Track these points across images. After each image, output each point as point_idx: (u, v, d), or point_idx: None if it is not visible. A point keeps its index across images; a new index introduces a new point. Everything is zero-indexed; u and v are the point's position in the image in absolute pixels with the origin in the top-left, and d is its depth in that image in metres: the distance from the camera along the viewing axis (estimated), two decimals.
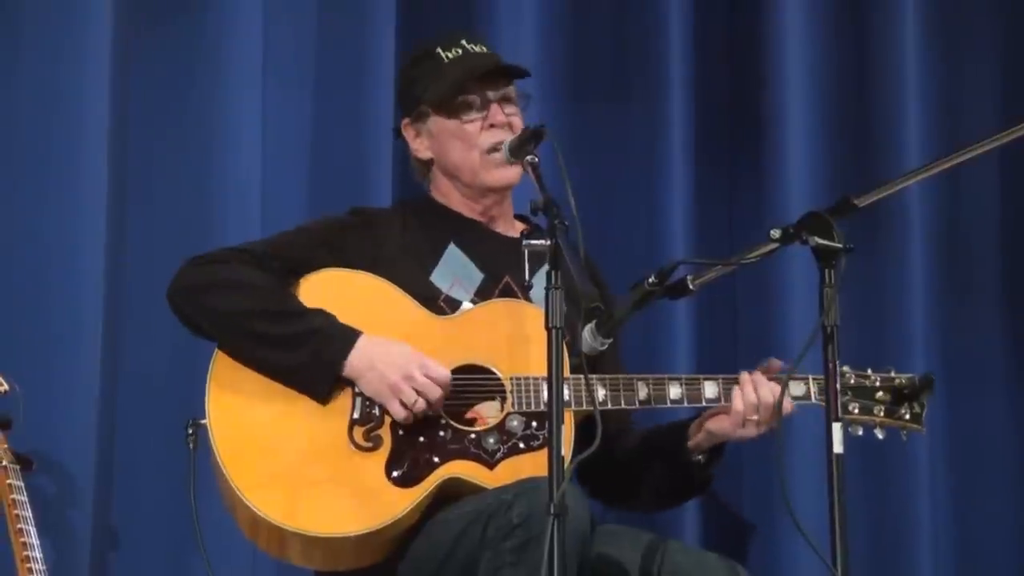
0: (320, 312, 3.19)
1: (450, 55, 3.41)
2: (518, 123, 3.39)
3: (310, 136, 4.02)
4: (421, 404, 3.13)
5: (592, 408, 3.04)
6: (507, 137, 3.32)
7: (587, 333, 3.04)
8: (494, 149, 3.34)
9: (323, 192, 3.95)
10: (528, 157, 3.07)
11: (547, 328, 2.73)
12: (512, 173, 3.36)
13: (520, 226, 3.49)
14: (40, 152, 3.72)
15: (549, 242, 2.80)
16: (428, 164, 3.48)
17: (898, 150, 4.32)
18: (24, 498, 3.36)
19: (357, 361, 3.14)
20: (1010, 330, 4.44)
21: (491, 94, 3.39)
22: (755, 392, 3.19)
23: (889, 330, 4.27)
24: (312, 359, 3.13)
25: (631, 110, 4.28)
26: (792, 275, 4.10)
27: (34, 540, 3.32)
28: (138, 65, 3.88)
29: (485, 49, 3.45)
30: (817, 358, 2.80)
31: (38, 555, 3.31)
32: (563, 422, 2.70)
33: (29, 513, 3.35)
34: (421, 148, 3.47)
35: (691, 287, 3.10)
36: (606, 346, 3.06)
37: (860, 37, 4.42)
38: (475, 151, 3.38)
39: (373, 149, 3.93)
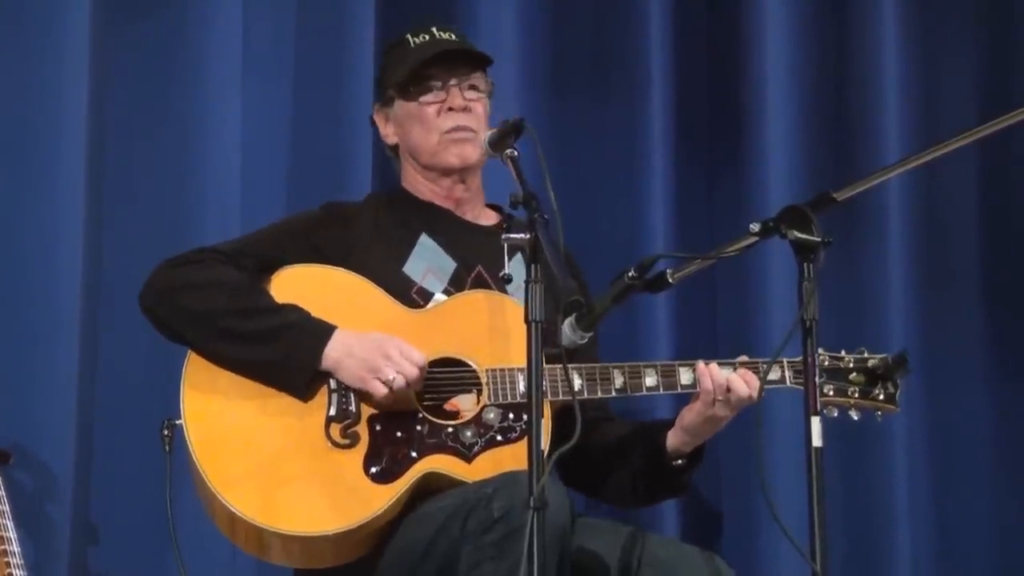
0: (294, 307, 3.18)
1: (417, 40, 3.44)
2: (479, 109, 3.41)
3: (290, 131, 4.01)
4: (400, 380, 3.11)
5: (569, 398, 3.04)
6: (466, 121, 3.36)
7: (567, 327, 3.03)
8: (452, 130, 3.36)
9: (303, 187, 3.94)
10: (508, 151, 3.06)
11: (527, 322, 2.73)
12: (469, 151, 3.36)
13: (493, 215, 3.50)
14: (18, 147, 3.70)
15: (528, 236, 2.79)
16: (396, 150, 3.51)
17: (877, 144, 4.33)
18: (2, 492, 3.35)
19: (334, 352, 3.13)
20: (988, 322, 4.46)
21: (453, 79, 3.40)
22: (720, 373, 3.20)
23: (868, 323, 4.28)
24: (288, 354, 3.13)
25: (611, 104, 4.28)
26: (771, 266, 4.11)
27: (12, 534, 3.31)
28: (117, 60, 3.86)
29: (454, 36, 3.47)
30: (796, 346, 2.81)
31: (16, 549, 3.30)
32: (542, 414, 2.70)
33: (7, 507, 3.34)
34: (389, 134, 3.50)
35: (670, 280, 3.10)
36: (586, 340, 3.05)
37: (839, 32, 4.43)
38: (434, 133, 3.39)
39: (353, 143, 3.93)
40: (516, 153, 3.06)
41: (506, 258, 3.10)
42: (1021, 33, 4.55)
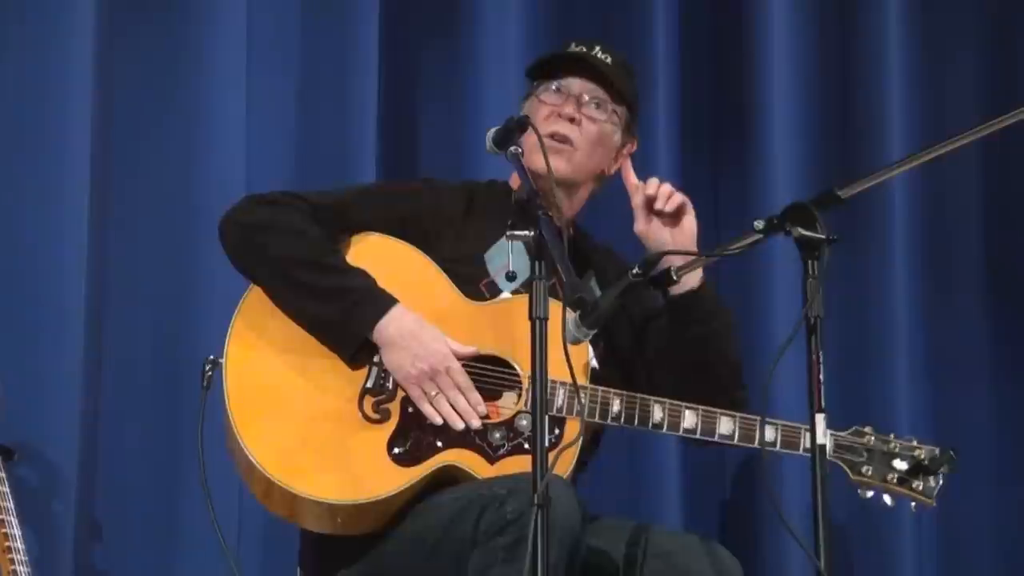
0: (362, 272, 3.18)
1: (572, 48, 3.43)
2: (591, 129, 3.38)
3: (294, 128, 4.02)
4: (446, 412, 3.13)
5: (589, 420, 3.09)
6: (568, 132, 3.35)
7: (571, 324, 3.03)
8: (548, 135, 3.32)
9: (307, 184, 3.92)
10: (512, 148, 3.05)
11: (531, 319, 2.72)
12: (555, 161, 3.28)
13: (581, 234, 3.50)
14: (23, 144, 3.72)
15: (532, 232, 2.79)
16: None
17: (882, 142, 4.33)
18: (6, 488, 3.36)
19: (388, 328, 3.13)
20: (992, 321, 4.46)
21: (576, 88, 3.39)
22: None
23: (872, 321, 4.28)
24: (345, 315, 3.13)
25: None
26: (776, 264, 4.11)
27: (16, 531, 3.31)
28: (122, 57, 3.87)
29: (610, 60, 3.42)
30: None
31: (20, 546, 3.30)
32: (547, 411, 2.69)
33: (11, 504, 3.34)
34: None
35: (675, 278, 3.10)
36: (589, 337, 3.04)
37: (844, 30, 4.44)
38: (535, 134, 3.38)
39: (357, 139, 3.94)
40: (520, 151, 3.05)
41: (510, 257, 3.10)
42: None
